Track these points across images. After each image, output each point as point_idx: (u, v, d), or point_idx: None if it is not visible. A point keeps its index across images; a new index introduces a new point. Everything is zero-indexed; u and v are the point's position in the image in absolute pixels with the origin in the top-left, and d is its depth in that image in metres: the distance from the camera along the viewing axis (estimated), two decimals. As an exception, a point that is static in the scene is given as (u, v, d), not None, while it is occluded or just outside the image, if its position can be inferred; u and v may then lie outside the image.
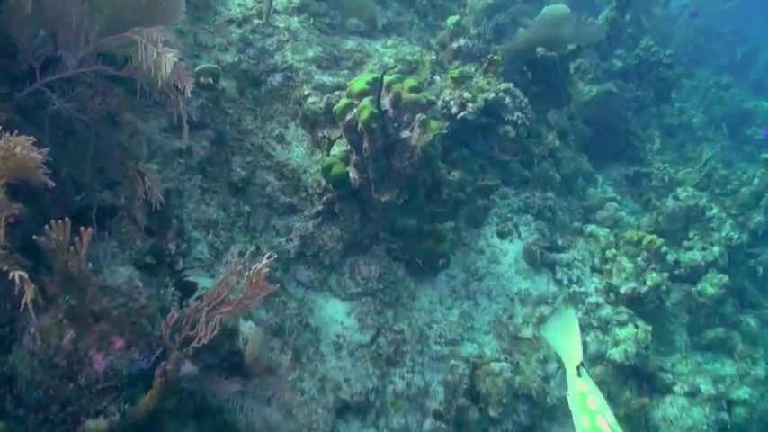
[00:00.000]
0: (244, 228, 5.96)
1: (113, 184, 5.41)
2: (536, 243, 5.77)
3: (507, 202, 7.20)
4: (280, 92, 7.26)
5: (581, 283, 5.98)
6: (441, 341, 5.74)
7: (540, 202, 7.36)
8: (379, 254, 5.97)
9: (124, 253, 5.48)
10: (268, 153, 6.75)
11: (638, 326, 5.52)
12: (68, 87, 4.28)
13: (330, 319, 5.57)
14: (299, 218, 6.29)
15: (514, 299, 5.84)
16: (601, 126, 9.61)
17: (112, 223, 5.27)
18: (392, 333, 5.65)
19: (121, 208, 5.29)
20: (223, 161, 6.34)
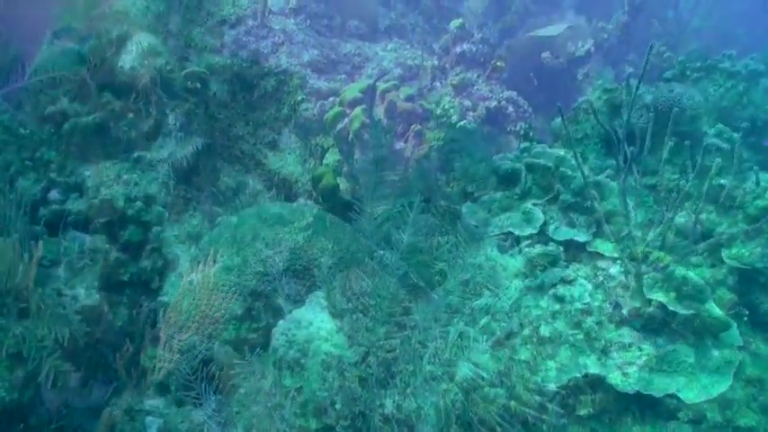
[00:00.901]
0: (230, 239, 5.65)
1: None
2: (538, 258, 5.47)
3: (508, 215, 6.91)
4: (273, 96, 6.95)
5: (583, 300, 5.68)
6: (435, 361, 5.43)
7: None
8: (371, 268, 5.68)
9: (94, 269, 5.23)
10: (259, 161, 6.50)
11: (642, 348, 5.20)
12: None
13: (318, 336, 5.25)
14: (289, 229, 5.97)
15: (513, 316, 5.63)
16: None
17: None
18: (383, 352, 5.34)
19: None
20: (210, 169, 6.10)
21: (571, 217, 3.52)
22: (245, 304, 3.44)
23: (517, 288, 3.21)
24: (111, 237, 5.19)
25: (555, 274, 3.22)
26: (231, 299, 3.41)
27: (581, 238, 3.41)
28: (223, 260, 3.52)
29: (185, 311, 3.47)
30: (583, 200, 3.52)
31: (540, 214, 3.49)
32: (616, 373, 2.94)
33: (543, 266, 3.26)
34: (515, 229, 3.46)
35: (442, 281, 2.76)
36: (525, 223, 3.50)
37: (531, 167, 3.65)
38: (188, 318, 3.45)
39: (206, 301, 3.43)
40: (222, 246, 3.60)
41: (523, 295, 3.23)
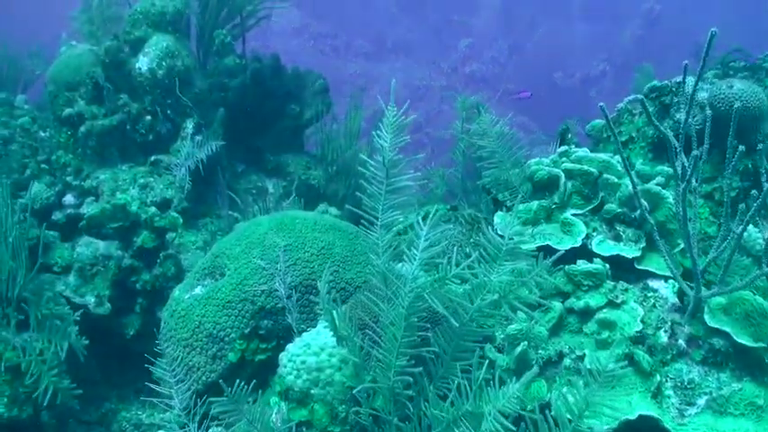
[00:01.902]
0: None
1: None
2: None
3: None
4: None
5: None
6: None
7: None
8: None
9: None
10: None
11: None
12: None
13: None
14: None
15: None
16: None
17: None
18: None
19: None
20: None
21: (617, 229, 3.00)
22: (252, 322, 2.96)
23: (557, 311, 2.70)
24: (125, 243, 4.77)
25: (601, 296, 2.70)
26: (237, 316, 2.94)
27: (629, 253, 2.88)
28: (230, 273, 3.06)
29: (188, 328, 3.01)
30: (630, 210, 3.01)
31: (582, 226, 2.97)
32: (673, 415, 2.42)
33: (587, 286, 2.75)
34: (554, 243, 2.94)
35: (467, 303, 2.25)
36: (565, 236, 2.98)
37: (572, 173, 3.14)
38: (192, 335, 2.99)
39: (211, 318, 2.97)
40: (231, 257, 3.13)
41: (564, 319, 2.72)
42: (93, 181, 5.32)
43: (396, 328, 2.19)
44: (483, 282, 2.24)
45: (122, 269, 4.65)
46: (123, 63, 5.48)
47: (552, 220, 3.11)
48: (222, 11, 6.21)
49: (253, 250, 3.06)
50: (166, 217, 4.74)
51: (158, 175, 5.42)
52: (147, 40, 5.61)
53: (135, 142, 5.48)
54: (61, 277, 4.70)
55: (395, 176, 2.42)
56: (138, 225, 4.77)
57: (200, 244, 5.27)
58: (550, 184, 3.20)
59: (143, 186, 5.29)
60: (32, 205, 4.94)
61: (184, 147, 5.44)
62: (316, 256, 3.02)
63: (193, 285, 3.18)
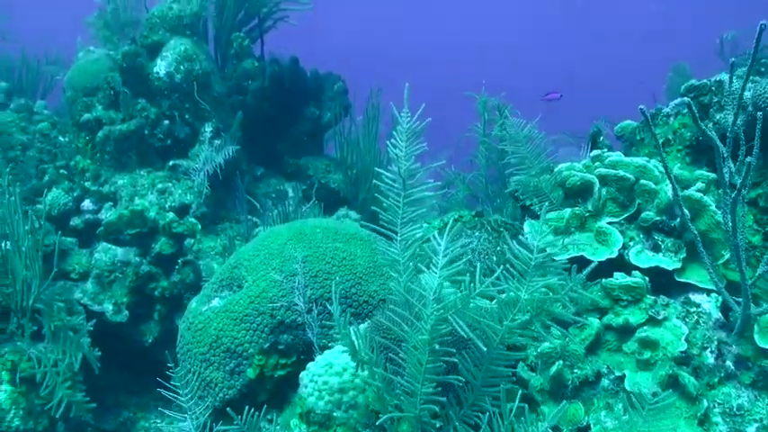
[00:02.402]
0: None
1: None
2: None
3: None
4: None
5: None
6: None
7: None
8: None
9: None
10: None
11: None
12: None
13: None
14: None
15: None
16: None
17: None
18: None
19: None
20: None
21: (655, 239, 2.77)
22: (271, 337, 2.77)
23: (594, 328, 2.48)
24: (143, 249, 4.60)
25: (641, 312, 2.48)
26: (256, 330, 2.75)
27: (668, 265, 2.66)
28: (248, 285, 2.87)
29: (205, 342, 2.82)
30: (669, 218, 2.78)
31: (619, 235, 2.75)
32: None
33: (626, 302, 2.53)
34: (588, 253, 2.73)
35: (496, 325, 2.04)
36: (600, 246, 2.76)
37: (606, 179, 2.92)
38: (209, 350, 2.81)
39: (229, 333, 2.78)
40: (249, 268, 2.94)
41: (602, 337, 2.50)
42: (111, 186, 5.17)
43: (420, 353, 1.98)
44: (512, 299, 2.03)
45: (140, 276, 4.48)
46: (141, 67, 5.32)
47: (586, 229, 2.89)
48: (239, 13, 6.04)
49: (271, 261, 2.87)
50: (184, 223, 4.56)
51: (177, 179, 5.26)
52: (164, 44, 5.45)
53: (153, 147, 5.32)
54: (78, 284, 4.55)
55: (413, 187, 2.21)
56: (156, 231, 4.60)
57: (219, 249, 5.11)
58: (583, 191, 2.98)
59: (161, 191, 5.13)
60: (50, 211, 4.80)
61: (203, 151, 5.28)
62: (337, 267, 2.82)
63: (210, 297, 3.00)
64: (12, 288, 3.37)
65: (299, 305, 2.66)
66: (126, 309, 4.47)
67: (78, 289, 4.47)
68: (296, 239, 2.95)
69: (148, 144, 5.31)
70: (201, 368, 2.83)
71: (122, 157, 5.28)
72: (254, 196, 5.73)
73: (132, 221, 4.54)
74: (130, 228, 4.55)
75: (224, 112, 5.66)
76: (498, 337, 2.01)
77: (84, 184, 5.13)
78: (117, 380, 4.60)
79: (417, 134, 2.21)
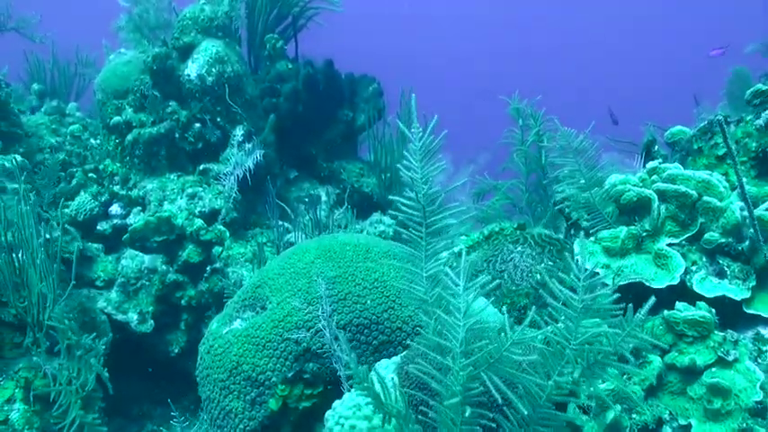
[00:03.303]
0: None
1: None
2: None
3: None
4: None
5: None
6: None
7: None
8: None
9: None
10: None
11: None
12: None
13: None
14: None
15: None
16: None
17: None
18: None
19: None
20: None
21: (720, 263, 2.43)
22: (295, 365, 2.49)
23: (656, 367, 2.15)
24: (169, 257, 4.37)
25: (709, 352, 2.14)
26: (279, 358, 2.47)
27: (736, 294, 2.32)
28: (271, 307, 2.59)
29: (225, 369, 2.55)
30: (737, 240, 2.44)
31: (680, 259, 2.41)
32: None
33: (691, 338, 2.19)
34: (647, 279, 2.40)
35: (542, 381, 1.70)
36: (659, 270, 2.43)
37: (665, 195, 2.58)
38: (229, 377, 2.54)
39: (250, 359, 2.51)
40: (273, 288, 2.66)
41: (664, 377, 2.17)
42: (140, 191, 4.94)
43: (453, 412, 1.67)
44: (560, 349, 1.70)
45: (167, 284, 4.24)
46: (172, 70, 5.08)
47: (642, 250, 2.55)
48: (271, 13, 5.77)
49: (297, 282, 2.59)
50: (213, 230, 4.31)
51: (207, 184, 5.01)
52: (196, 46, 5.20)
53: (183, 150, 5.09)
54: (103, 292, 4.32)
55: (435, 214, 1.90)
56: (183, 238, 4.36)
57: (249, 256, 4.85)
58: (640, 208, 2.64)
59: (191, 196, 4.89)
60: (76, 217, 4.59)
61: (234, 155, 5.03)
62: (368, 290, 2.53)
63: (232, 317, 2.73)
64: (27, 301, 3.14)
65: (324, 333, 2.37)
66: (151, 318, 4.23)
67: (103, 297, 4.24)
68: (324, 258, 2.66)
69: (179, 148, 5.07)
70: (221, 396, 2.56)
71: (152, 161, 5.05)
72: (287, 200, 5.46)
73: (159, 228, 4.30)
74: (157, 235, 4.31)
75: (256, 114, 5.40)
76: (545, 394, 1.69)
77: (112, 189, 4.91)
78: (142, 389, 4.38)
79: (433, 151, 1.90)
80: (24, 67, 6.37)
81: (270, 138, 5.27)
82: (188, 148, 5.07)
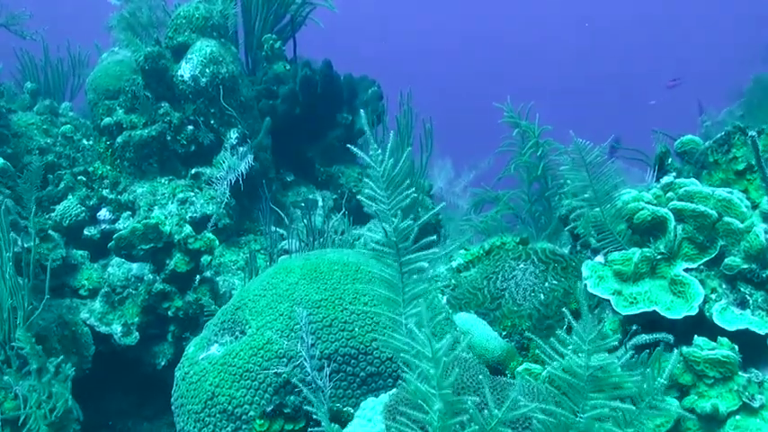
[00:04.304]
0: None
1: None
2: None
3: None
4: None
5: None
6: None
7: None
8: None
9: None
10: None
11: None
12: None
13: None
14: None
15: None
16: None
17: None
18: None
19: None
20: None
21: (742, 291, 2.17)
22: (275, 398, 2.23)
23: (672, 413, 1.89)
24: (157, 265, 4.11)
25: (732, 396, 1.88)
26: (258, 390, 2.22)
27: (760, 327, 2.05)
28: (251, 333, 2.34)
29: (200, 399, 2.30)
30: (761, 267, 2.17)
31: (699, 286, 2.15)
32: None
33: (712, 379, 1.93)
34: (662, 308, 2.14)
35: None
36: (676, 298, 2.16)
37: (682, 214, 2.32)
38: (204, 409, 2.28)
39: (226, 390, 2.25)
40: (254, 311, 2.40)
41: (682, 424, 1.91)
42: (129, 195, 4.69)
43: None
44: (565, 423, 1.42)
45: (153, 294, 3.98)
46: (164, 70, 4.82)
47: (657, 275, 2.29)
48: (268, 13, 5.51)
49: (279, 305, 2.33)
50: (202, 238, 4.04)
51: (199, 188, 4.76)
52: (190, 46, 4.94)
53: (176, 154, 4.83)
54: (87, 302, 4.07)
55: (411, 251, 1.62)
56: (171, 246, 4.10)
57: (242, 263, 4.60)
58: (654, 228, 2.38)
59: (182, 201, 4.64)
60: (61, 222, 4.34)
61: (227, 159, 4.77)
62: (356, 315, 2.27)
63: (210, 341, 2.47)
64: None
65: (305, 364, 2.12)
66: (137, 330, 3.97)
67: (86, 308, 3.99)
68: (309, 279, 2.40)
69: (171, 150, 4.81)
70: (195, 429, 2.31)
71: (143, 164, 4.79)
72: (283, 205, 5.21)
73: (146, 235, 4.04)
74: (144, 242, 4.04)
75: (252, 117, 5.14)
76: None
77: (101, 192, 4.66)
78: (127, 404, 4.13)
79: (400, 178, 1.64)
80: (17, 65, 6.12)
81: (265, 141, 5.02)
82: (180, 151, 4.82)
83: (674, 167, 2.88)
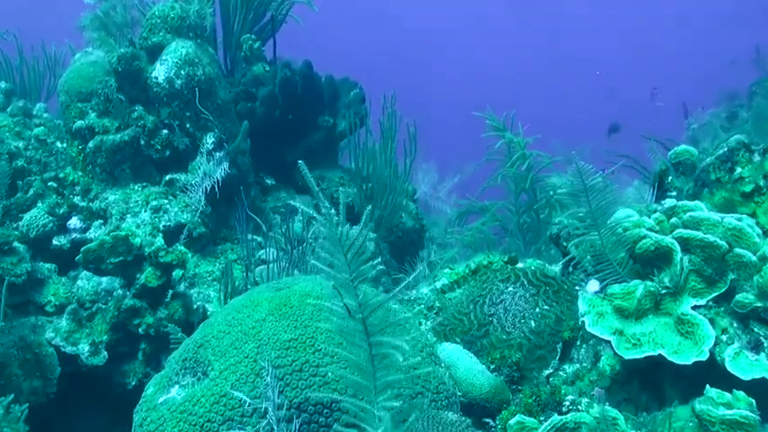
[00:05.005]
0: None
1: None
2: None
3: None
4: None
5: None
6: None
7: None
8: None
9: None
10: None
11: None
12: None
13: None
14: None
15: None
16: None
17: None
18: None
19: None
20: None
21: (756, 333, 1.89)
22: (240, 451, 1.93)
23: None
24: (127, 279, 3.79)
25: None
26: (221, 441, 1.92)
27: (780, 374, 1.80)
28: (213, 376, 2.04)
29: (158, 448, 2.00)
30: (777, 305, 1.91)
31: (709, 327, 1.87)
32: None
33: (732, 439, 1.66)
34: (668, 353, 1.86)
35: None
36: (684, 341, 1.89)
37: (688, 244, 2.04)
38: (162, 458, 1.99)
39: (186, 439, 1.95)
40: (217, 351, 2.10)
41: (699, 492, 1.64)
42: (101, 202, 4.37)
43: None
44: None
45: (123, 311, 3.66)
46: (138, 72, 4.48)
47: (661, 311, 2.01)
48: (248, 12, 5.18)
49: (244, 345, 2.03)
50: (173, 251, 3.72)
51: (174, 195, 4.44)
52: (165, 47, 4.60)
53: (150, 159, 4.50)
54: (54, 319, 3.75)
55: (382, 331, 1.34)
56: (142, 259, 3.78)
57: (218, 274, 4.29)
58: (658, 258, 2.10)
59: (156, 209, 4.32)
60: (28, 233, 4.01)
61: (203, 165, 4.45)
62: (330, 358, 1.98)
63: (171, 381, 2.17)
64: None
65: (270, 415, 1.82)
66: (106, 348, 3.65)
67: (51, 326, 3.67)
68: (278, 315, 2.09)
69: (145, 156, 4.48)
70: (152, 484, 2.01)
71: (115, 170, 4.46)
72: (262, 211, 4.90)
73: (115, 248, 3.71)
74: (113, 256, 3.71)
75: (230, 120, 4.81)
76: None
77: (72, 200, 4.33)
78: (96, 427, 3.82)
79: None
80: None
81: (243, 145, 4.70)
82: (155, 156, 4.49)
83: (675, 186, 2.61)
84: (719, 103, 6.18)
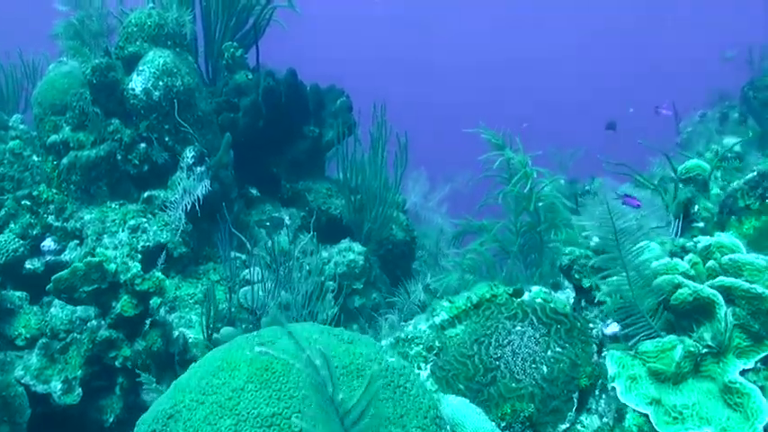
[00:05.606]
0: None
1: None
2: None
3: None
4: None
5: None
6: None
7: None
8: None
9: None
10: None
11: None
12: None
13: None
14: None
15: None
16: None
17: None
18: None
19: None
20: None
21: (817, 401, 1.57)
22: None
23: None
24: (102, 309, 3.41)
25: None
26: None
27: None
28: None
29: None
30: (841, 369, 1.58)
31: (762, 399, 1.55)
32: None
33: None
34: (715, 428, 1.53)
35: None
36: (733, 414, 1.56)
37: (731, 294, 1.70)
38: None
39: None
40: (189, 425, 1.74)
41: None
42: (77, 222, 3.97)
43: None
44: None
45: (97, 343, 3.28)
46: (114, 83, 4.08)
47: (702, 375, 1.67)
48: (230, 19, 4.78)
49: (221, 421, 1.67)
50: (150, 278, 3.33)
51: (152, 214, 4.04)
52: (142, 57, 4.20)
53: (127, 174, 4.10)
54: (24, 353, 3.37)
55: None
56: (118, 286, 3.40)
57: (200, 296, 3.92)
58: (696, 310, 1.76)
59: (134, 229, 3.92)
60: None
61: (182, 180, 4.07)
62: None
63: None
64: None
65: None
66: (80, 383, 3.27)
67: (21, 363, 3.27)
68: (259, 382, 1.73)
69: (122, 171, 4.09)
70: None
71: (91, 188, 4.06)
72: (246, 225, 4.51)
73: (88, 276, 3.31)
74: (86, 284, 3.32)
75: (211, 132, 4.42)
76: None
77: (46, 219, 3.94)
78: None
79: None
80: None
81: (225, 159, 4.30)
82: (132, 172, 4.09)
83: (702, 217, 2.27)
84: (712, 105, 5.86)
